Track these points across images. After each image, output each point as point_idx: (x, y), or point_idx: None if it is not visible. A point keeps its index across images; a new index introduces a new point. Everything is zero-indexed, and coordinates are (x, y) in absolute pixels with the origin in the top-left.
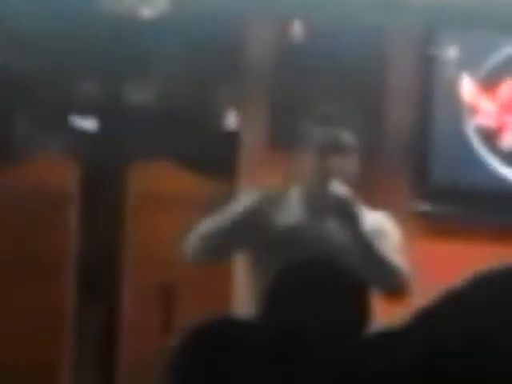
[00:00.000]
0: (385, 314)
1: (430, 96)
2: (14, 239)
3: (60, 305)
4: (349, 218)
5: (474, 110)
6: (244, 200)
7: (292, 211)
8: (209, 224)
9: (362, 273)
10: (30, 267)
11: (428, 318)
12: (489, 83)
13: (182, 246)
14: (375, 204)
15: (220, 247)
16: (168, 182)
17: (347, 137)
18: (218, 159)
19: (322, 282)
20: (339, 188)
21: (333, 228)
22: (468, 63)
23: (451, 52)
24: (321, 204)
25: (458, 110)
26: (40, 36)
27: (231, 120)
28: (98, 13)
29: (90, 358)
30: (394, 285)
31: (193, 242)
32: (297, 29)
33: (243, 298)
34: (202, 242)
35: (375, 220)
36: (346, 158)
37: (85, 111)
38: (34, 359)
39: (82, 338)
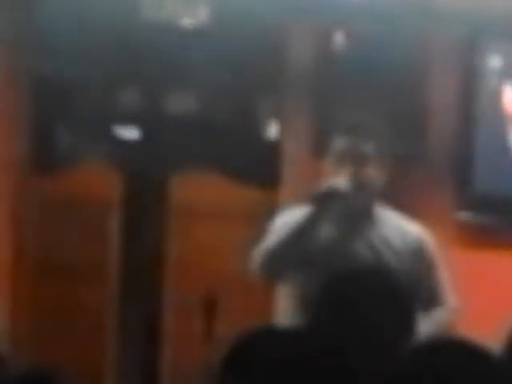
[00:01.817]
0: None
1: (473, 106)
2: (56, 245)
3: (102, 314)
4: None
5: None
6: (288, 217)
7: (322, 226)
8: (267, 244)
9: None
10: (70, 274)
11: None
12: None
13: (247, 262)
14: (418, 213)
15: (280, 269)
16: (209, 191)
17: (368, 147)
18: (260, 169)
19: (370, 292)
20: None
21: (359, 238)
22: (511, 73)
23: (494, 61)
24: (342, 214)
25: (500, 119)
26: (82, 46)
27: (273, 130)
28: (139, 23)
29: (133, 368)
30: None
31: (256, 262)
32: (338, 38)
33: (285, 308)
34: (263, 263)
35: (414, 237)
36: (365, 169)
37: (127, 121)
38: (77, 367)
39: (125, 348)
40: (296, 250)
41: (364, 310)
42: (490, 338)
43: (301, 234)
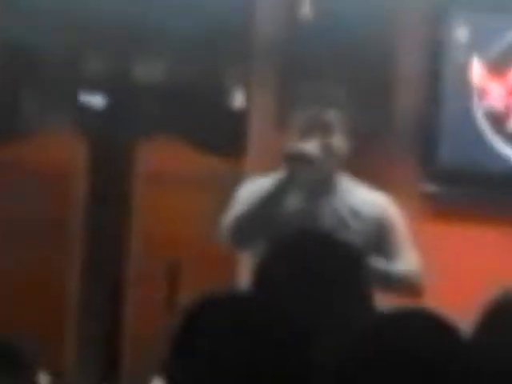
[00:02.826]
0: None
1: (439, 78)
2: (20, 211)
3: (65, 278)
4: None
5: (483, 93)
6: (256, 186)
7: (288, 195)
8: (236, 212)
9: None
10: (36, 240)
11: None
12: (499, 66)
13: (214, 230)
14: (382, 185)
15: (249, 238)
16: (174, 159)
17: (331, 116)
18: (225, 138)
19: (316, 255)
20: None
21: (325, 206)
22: (478, 46)
23: (461, 34)
24: (307, 183)
25: (467, 92)
26: (47, 11)
27: (239, 99)
28: None
29: (95, 332)
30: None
31: (225, 231)
32: (305, 7)
33: (247, 274)
34: (232, 232)
35: (377, 205)
36: (329, 138)
37: (93, 87)
38: (38, 332)
39: (87, 312)
40: (264, 218)
41: (312, 274)
42: (454, 311)
43: (268, 202)
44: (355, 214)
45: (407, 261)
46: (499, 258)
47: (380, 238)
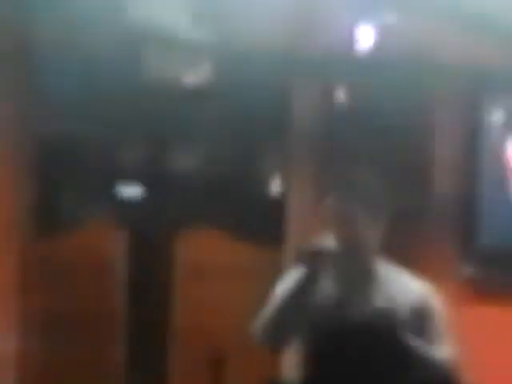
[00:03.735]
0: None
1: (476, 159)
2: (63, 304)
3: (109, 370)
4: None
5: None
6: (287, 282)
7: (326, 282)
8: (269, 312)
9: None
10: (80, 332)
11: None
12: None
13: (252, 323)
14: (421, 268)
15: (281, 335)
16: (213, 249)
17: (362, 204)
18: (264, 226)
19: (365, 346)
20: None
21: (361, 296)
22: None
23: (496, 115)
24: (340, 273)
25: (504, 173)
26: (85, 104)
27: (277, 186)
28: (142, 80)
29: None
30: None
31: (259, 330)
32: (341, 93)
33: (292, 366)
34: (266, 333)
35: (417, 294)
36: (357, 227)
37: (130, 179)
38: None
39: None
40: (292, 317)
41: (359, 363)
42: None
43: (294, 300)
44: (392, 302)
45: (443, 351)
46: None
47: (417, 326)
